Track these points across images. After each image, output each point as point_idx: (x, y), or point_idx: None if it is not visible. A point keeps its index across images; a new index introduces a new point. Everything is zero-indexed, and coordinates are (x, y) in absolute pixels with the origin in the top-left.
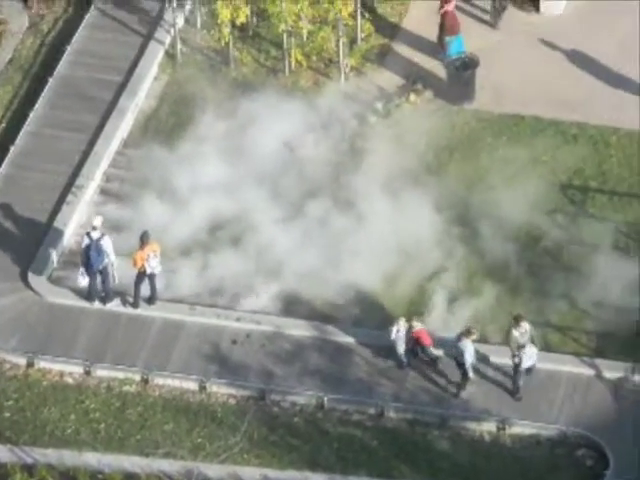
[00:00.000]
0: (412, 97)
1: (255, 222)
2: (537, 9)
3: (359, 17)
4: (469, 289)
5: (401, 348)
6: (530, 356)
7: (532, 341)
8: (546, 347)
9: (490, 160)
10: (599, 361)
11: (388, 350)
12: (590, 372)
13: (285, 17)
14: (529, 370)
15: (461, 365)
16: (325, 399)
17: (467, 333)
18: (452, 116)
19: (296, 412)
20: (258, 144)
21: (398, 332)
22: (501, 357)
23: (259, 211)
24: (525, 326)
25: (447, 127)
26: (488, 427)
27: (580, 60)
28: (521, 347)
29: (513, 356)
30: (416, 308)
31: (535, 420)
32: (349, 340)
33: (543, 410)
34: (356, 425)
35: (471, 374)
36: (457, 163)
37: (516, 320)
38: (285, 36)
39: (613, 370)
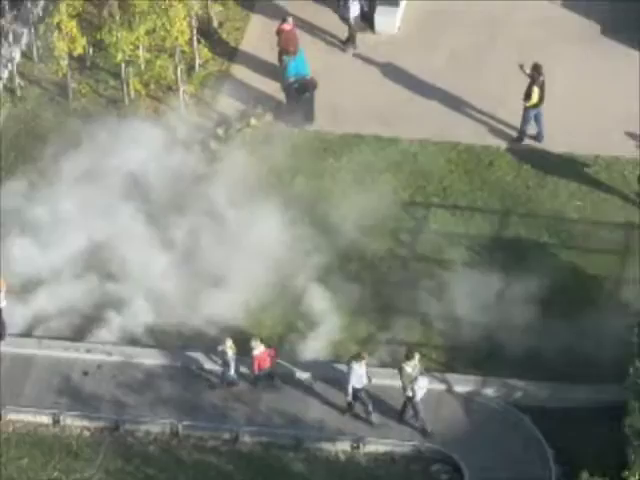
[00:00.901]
0: (253, 121)
1: (105, 251)
2: (372, 29)
3: (196, 44)
4: (318, 307)
5: (232, 369)
6: (422, 387)
7: (422, 373)
8: (396, 364)
9: (332, 180)
10: (449, 376)
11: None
12: (441, 387)
13: (122, 47)
14: (422, 401)
15: (354, 390)
16: (179, 426)
17: (357, 357)
18: (293, 138)
19: (151, 441)
20: (100, 174)
21: (224, 353)
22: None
23: (108, 240)
24: (416, 360)
25: (289, 149)
26: (343, 447)
27: (416, 78)
28: (414, 380)
29: (405, 390)
30: (268, 331)
31: (389, 437)
32: (201, 366)
33: (396, 427)
34: (211, 451)
35: (349, 396)
36: (300, 185)
37: (407, 356)
38: (123, 66)
39: (463, 384)
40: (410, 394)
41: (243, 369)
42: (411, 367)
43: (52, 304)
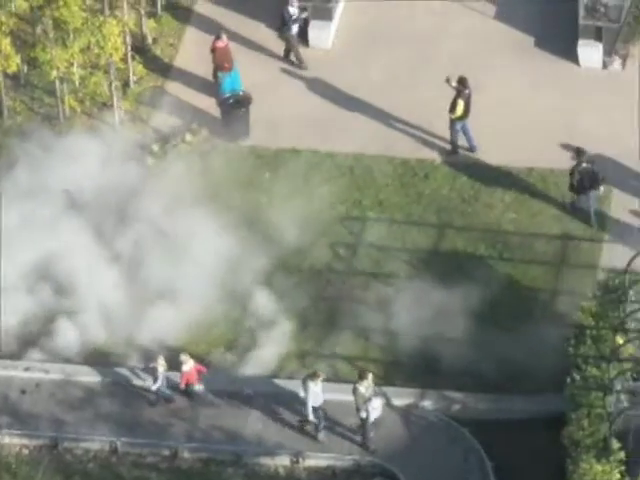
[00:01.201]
0: (188, 137)
1: (42, 268)
2: (307, 43)
3: (130, 60)
4: (257, 322)
5: (155, 385)
6: (376, 408)
7: (376, 393)
8: (336, 378)
9: (269, 195)
10: (388, 389)
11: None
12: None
13: (56, 64)
14: (375, 421)
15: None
16: (118, 443)
17: (312, 376)
18: (229, 153)
19: (90, 458)
20: (36, 192)
21: (155, 369)
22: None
23: (45, 257)
24: (369, 380)
25: (224, 165)
26: (282, 461)
27: (351, 92)
28: (367, 401)
29: (359, 410)
30: (208, 346)
31: (329, 451)
32: (141, 383)
33: (337, 441)
34: (150, 468)
35: (311, 417)
36: (236, 200)
37: (360, 376)
38: (58, 83)
39: (402, 397)
40: (364, 415)
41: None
42: (364, 387)
43: None
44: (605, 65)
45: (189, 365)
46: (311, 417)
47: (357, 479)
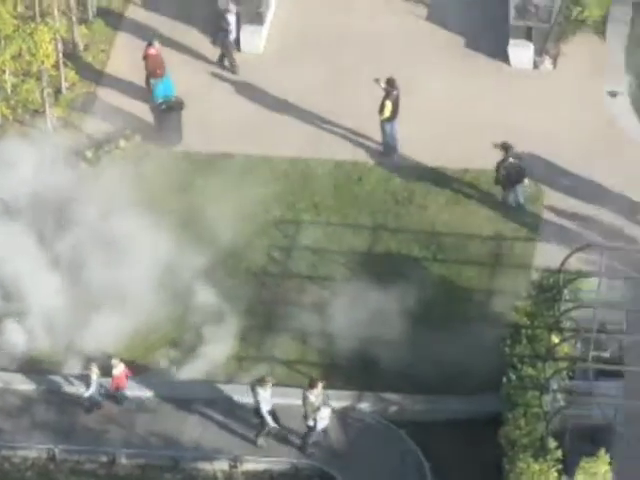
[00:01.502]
0: (121, 142)
1: None
2: (238, 48)
3: (62, 67)
4: (195, 327)
5: (88, 391)
6: (324, 418)
7: (325, 403)
8: (274, 382)
9: (203, 200)
10: (326, 391)
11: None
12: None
13: None
14: (324, 430)
15: (257, 413)
16: (56, 451)
17: (261, 382)
18: (162, 158)
19: (28, 466)
20: None
21: (88, 376)
22: (239, 395)
23: None
24: (319, 389)
25: (158, 169)
26: (220, 466)
27: (283, 96)
28: (316, 410)
29: (307, 418)
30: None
31: (267, 455)
32: (75, 390)
33: (275, 445)
34: (88, 474)
35: (269, 421)
36: (170, 205)
37: (311, 384)
38: None
39: (340, 400)
40: (311, 424)
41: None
42: (314, 396)
43: None
44: (536, 65)
45: (119, 369)
46: (270, 422)
47: None
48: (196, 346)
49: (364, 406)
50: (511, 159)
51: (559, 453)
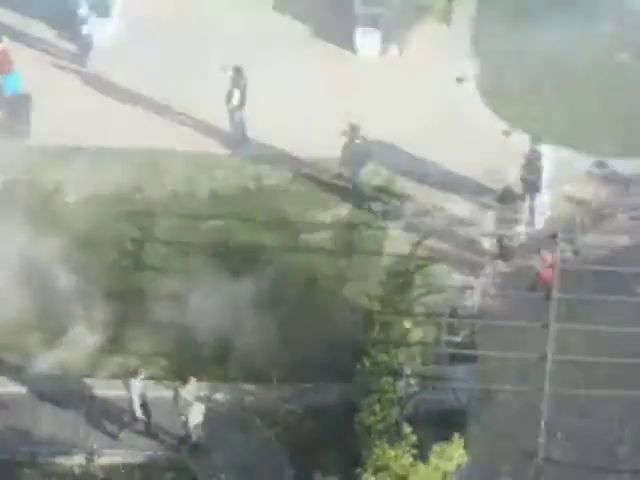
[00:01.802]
0: None
1: None
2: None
3: None
4: (50, 321)
5: None
6: (197, 415)
7: (198, 399)
8: (128, 374)
9: (57, 192)
10: (180, 383)
11: None
12: (172, 394)
13: None
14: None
15: (130, 405)
16: None
17: (133, 374)
18: (10, 152)
19: None
20: None
21: None
22: (96, 388)
23: None
24: (192, 385)
25: (6, 164)
26: (78, 460)
27: (131, 87)
28: (189, 405)
29: (180, 415)
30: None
31: (125, 448)
32: None
33: (134, 437)
34: None
35: (138, 413)
36: (23, 200)
37: (183, 380)
38: None
39: (197, 390)
40: (184, 419)
41: None
42: (187, 392)
43: None
44: (382, 52)
45: None
46: (139, 414)
47: (154, 474)
48: (50, 340)
49: (220, 396)
50: (357, 140)
51: (414, 438)
